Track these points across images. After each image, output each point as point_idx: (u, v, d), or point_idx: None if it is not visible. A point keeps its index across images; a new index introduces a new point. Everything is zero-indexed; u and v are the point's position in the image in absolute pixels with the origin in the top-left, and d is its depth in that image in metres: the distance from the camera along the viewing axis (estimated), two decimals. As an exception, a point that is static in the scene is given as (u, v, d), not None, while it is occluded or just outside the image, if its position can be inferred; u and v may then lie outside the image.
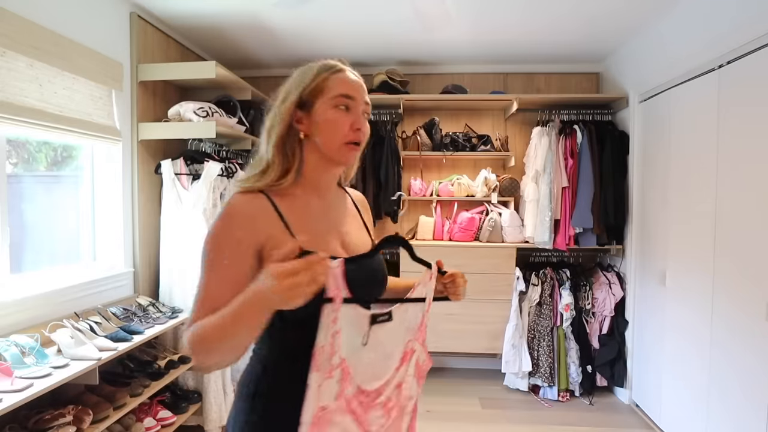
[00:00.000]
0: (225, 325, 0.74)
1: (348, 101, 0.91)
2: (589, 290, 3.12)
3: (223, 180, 2.61)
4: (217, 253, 0.83)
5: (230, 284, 0.79)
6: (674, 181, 2.53)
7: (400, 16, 2.68)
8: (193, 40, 3.10)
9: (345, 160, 0.93)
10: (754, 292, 1.89)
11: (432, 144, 3.44)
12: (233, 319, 0.74)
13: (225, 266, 0.82)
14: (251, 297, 0.72)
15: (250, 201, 0.87)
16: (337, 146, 0.91)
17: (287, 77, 0.97)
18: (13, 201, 2.00)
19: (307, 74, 0.92)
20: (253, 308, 0.72)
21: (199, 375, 2.52)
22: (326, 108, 0.90)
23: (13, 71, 1.84)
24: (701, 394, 2.24)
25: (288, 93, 0.92)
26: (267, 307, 0.72)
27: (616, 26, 2.81)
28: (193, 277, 2.51)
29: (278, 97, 0.93)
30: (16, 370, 1.56)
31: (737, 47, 1.99)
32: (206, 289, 0.82)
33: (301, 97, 0.90)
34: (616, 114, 3.30)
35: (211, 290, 0.81)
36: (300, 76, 0.93)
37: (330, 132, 0.90)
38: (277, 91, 0.94)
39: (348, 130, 0.90)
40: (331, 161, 0.93)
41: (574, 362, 3.09)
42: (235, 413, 0.90)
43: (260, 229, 0.84)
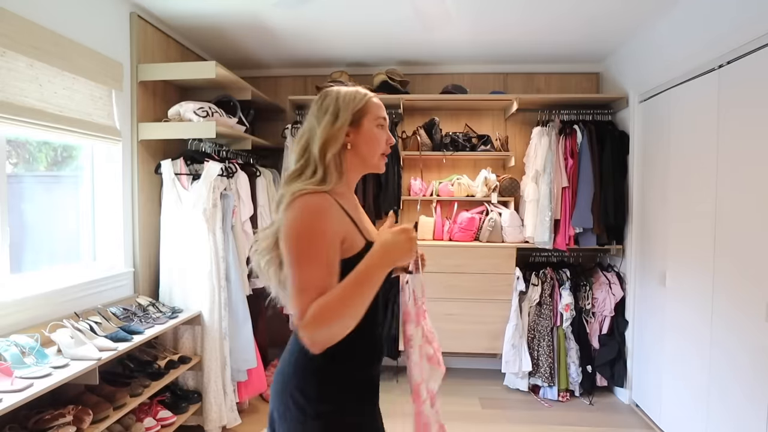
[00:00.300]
0: (350, 294, 0.92)
1: (384, 122, 1.15)
2: (589, 290, 3.12)
3: (223, 180, 2.61)
4: (313, 245, 0.96)
5: (330, 270, 0.96)
6: (674, 181, 2.53)
7: (400, 16, 2.68)
8: (193, 40, 3.10)
9: (380, 167, 1.18)
10: (754, 292, 1.89)
11: (432, 144, 3.44)
12: (359, 284, 0.93)
13: (323, 256, 0.96)
14: (377, 260, 0.96)
15: (326, 200, 1.02)
16: (377, 157, 1.15)
17: (287, 77, 1.15)
18: (13, 201, 2.00)
19: (355, 98, 1.11)
20: (379, 269, 0.96)
21: (199, 375, 2.52)
22: (371, 126, 1.12)
23: (13, 71, 1.84)
24: (701, 394, 2.24)
25: (339, 113, 1.09)
26: (389, 266, 0.97)
27: (616, 26, 2.81)
28: (193, 277, 2.51)
29: (326, 115, 1.10)
30: (16, 370, 1.56)
31: (737, 47, 1.99)
32: (310, 278, 0.94)
33: (353, 117, 1.10)
34: (616, 114, 3.30)
35: (316, 278, 0.94)
36: (348, 100, 1.11)
37: (373, 146, 1.13)
38: (321, 108, 1.11)
39: (384, 145, 1.15)
40: (368, 167, 1.16)
41: (574, 362, 3.09)
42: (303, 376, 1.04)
43: (340, 223, 1.02)
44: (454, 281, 3.20)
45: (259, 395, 3.04)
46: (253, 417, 2.82)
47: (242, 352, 2.64)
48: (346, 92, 1.12)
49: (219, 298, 2.52)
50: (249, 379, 2.73)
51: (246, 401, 2.83)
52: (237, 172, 2.74)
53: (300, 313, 0.92)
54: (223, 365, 2.53)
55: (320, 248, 0.96)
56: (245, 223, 2.79)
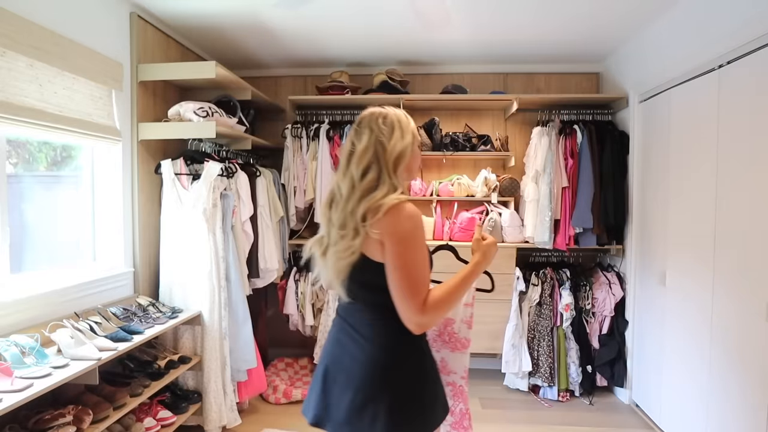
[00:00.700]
0: (459, 290, 1.22)
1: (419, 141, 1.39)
2: (589, 290, 3.12)
3: (223, 180, 2.61)
4: (421, 248, 1.18)
5: (429, 268, 1.23)
6: (674, 181, 2.53)
7: (400, 16, 2.68)
8: (193, 40, 3.10)
9: (416, 178, 1.56)
10: (754, 292, 1.89)
11: (432, 144, 3.44)
12: (466, 283, 1.25)
13: (427, 256, 1.22)
14: (482, 266, 1.32)
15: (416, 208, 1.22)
16: (417, 170, 1.42)
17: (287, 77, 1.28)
18: (13, 201, 2.00)
19: (409, 121, 1.31)
20: (478, 273, 1.31)
21: (199, 375, 2.52)
22: (416, 146, 1.31)
23: (13, 71, 1.84)
24: (701, 394, 2.24)
25: (404, 132, 1.26)
26: (480, 272, 1.32)
27: (616, 26, 2.81)
28: (193, 277, 2.51)
29: (394, 133, 1.24)
30: (16, 370, 1.56)
31: (737, 47, 1.99)
32: (424, 275, 1.18)
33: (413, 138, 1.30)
34: (616, 114, 3.30)
35: (426, 276, 1.19)
36: (407, 121, 1.29)
37: (417, 160, 1.36)
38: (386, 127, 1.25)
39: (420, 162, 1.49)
40: (411, 178, 1.40)
41: (574, 362, 3.09)
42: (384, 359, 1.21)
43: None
44: (454, 281, 3.20)
45: (259, 395, 3.04)
46: (253, 417, 2.82)
47: (242, 352, 2.64)
48: (401, 114, 1.30)
49: (219, 298, 2.52)
50: (249, 379, 2.73)
51: (246, 401, 2.84)
52: (237, 172, 2.74)
53: (419, 304, 1.14)
54: (223, 365, 2.53)
55: (426, 250, 1.20)
56: (245, 223, 2.79)
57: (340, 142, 3.29)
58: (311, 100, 3.42)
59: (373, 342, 1.23)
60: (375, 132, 1.23)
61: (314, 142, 3.33)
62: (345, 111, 3.53)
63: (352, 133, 1.28)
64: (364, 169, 1.21)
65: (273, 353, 3.66)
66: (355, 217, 1.18)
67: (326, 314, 3.34)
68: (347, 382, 1.23)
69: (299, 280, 3.39)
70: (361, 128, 1.26)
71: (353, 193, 1.21)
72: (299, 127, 3.37)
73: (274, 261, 3.03)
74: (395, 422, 1.17)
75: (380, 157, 1.21)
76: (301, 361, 3.59)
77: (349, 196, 1.21)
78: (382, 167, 1.21)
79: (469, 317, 1.65)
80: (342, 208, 1.23)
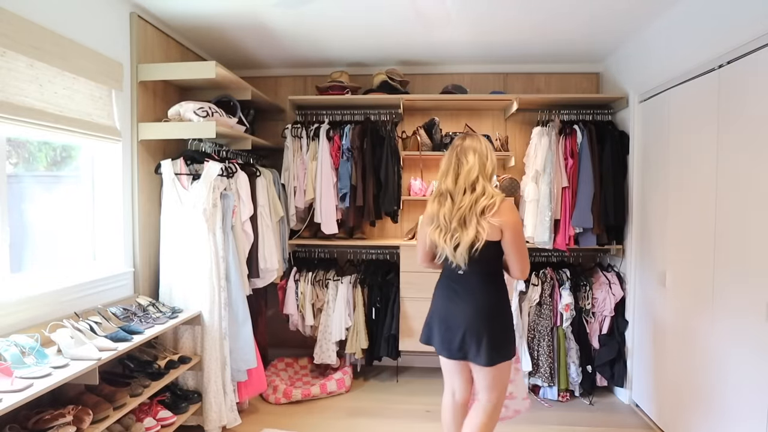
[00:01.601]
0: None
1: None
2: (589, 290, 3.12)
3: (223, 180, 2.61)
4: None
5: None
6: (674, 181, 2.53)
7: (400, 16, 2.68)
8: (193, 40, 3.10)
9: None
10: (754, 292, 1.89)
11: (432, 144, 3.44)
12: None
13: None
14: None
15: None
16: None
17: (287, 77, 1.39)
18: (13, 201, 2.00)
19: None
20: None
21: (199, 375, 2.52)
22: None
23: (13, 71, 1.84)
24: (701, 394, 2.24)
25: (492, 154, 1.93)
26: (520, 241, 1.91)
27: (616, 26, 2.81)
28: (193, 277, 2.51)
29: (489, 155, 1.91)
30: (16, 370, 1.56)
31: (737, 47, 1.99)
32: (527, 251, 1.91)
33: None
34: (616, 114, 3.30)
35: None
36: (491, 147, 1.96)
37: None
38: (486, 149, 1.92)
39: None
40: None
41: (574, 362, 3.09)
42: (495, 301, 1.93)
43: None
44: (454, 281, 3.20)
45: (259, 395, 3.04)
46: (253, 417, 2.82)
47: (242, 352, 2.64)
48: (487, 140, 2.00)
49: (219, 298, 2.52)
50: (249, 379, 2.73)
51: (246, 401, 2.84)
52: (237, 172, 2.74)
53: (526, 268, 1.90)
54: (223, 365, 2.53)
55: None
56: (245, 223, 2.79)
57: (340, 142, 3.29)
58: (311, 100, 3.42)
59: (488, 292, 1.90)
60: (478, 153, 1.87)
61: (314, 142, 3.33)
62: (345, 111, 3.53)
63: (458, 152, 1.88)
64: (474, 180, 1.83)
65: (273, 353, 3.66)
66: (475, 212, 1.79)
67: (326, 314, 3.34)
68: (476, 320, 1.86)
69: (299, 280, 3.39)
70: (465, 150, 1.88)
71: (469, 196, 1.82)
72: (299, 127, 3.37)
73: (274, 261, 3.03)
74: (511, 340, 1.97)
75: (481, 171, 1.85)
76: (301, 361, 3.59)
77: (463, 198, 1.82)
78: (483, 177, 1.84)
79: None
80: (458, 206, 1.82)
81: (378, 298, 3.30)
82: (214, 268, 2.50)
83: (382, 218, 3.44)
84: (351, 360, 3.47)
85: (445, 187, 1.87)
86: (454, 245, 1.81)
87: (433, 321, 1.98)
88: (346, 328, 3.27)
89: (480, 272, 1.87)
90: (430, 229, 1.89)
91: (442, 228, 1.84)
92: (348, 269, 3.60)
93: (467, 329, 1.86)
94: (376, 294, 3.31)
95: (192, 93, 3.02)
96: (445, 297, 1.95)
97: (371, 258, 3.66)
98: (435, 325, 1.97)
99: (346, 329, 3.27)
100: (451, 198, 1.85)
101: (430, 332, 2.01)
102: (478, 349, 1.85)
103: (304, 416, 2.87)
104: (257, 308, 3.27)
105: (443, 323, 1.93)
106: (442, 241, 1.83)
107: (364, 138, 3.29)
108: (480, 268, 1.86)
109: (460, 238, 1.80)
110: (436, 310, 1.98)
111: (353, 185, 3.23)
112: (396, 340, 3.24)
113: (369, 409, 2.96)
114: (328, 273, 3.43)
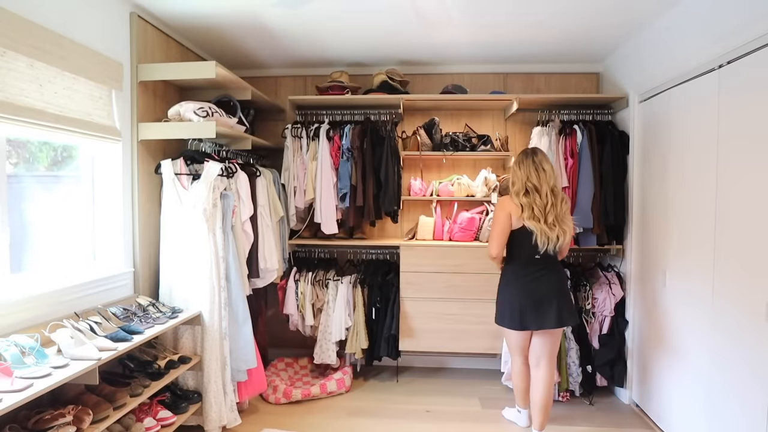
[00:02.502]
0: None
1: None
2: (589, 290, 3.12)
3: (223, 180, 2.61)
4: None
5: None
6: (674, 181, 2.53)
7: (400, 16, 2.68)
8: (193, 40, 3.10)
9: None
10: (754, 292, 1.89)
11: (432, 144, 3.44)
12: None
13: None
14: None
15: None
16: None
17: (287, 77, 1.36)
18: (13, 201, 2.00)
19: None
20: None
21: (199, 375, 2.52)
22: None
23: (13, 71, 1.84)
24: (701, 393, 2.24)
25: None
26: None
27: (616, 26, 2.81)
28: (193, 277, 2.51)
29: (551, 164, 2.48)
30: (16, 370, 1.56)
31: (737, 47, 1.99)
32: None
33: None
34: (616, 114, 3.30)
35: None
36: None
37: None
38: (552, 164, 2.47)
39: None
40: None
41: (574, 362, 3.09)
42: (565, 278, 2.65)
43: None
44: (454, 281, 3.20)
45: (259, 395, 3.04)
46: (252, 417, 2.82)
47: (242, 352, 2.64)
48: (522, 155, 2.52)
49: (219, 298, 2.52)
50: (249, 379, 2.73)
51: (246, 401, 2.84)
52: (237, 172, 2.74)
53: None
54: (223, 365, 2.53)
55: None
56: (245, 223, 2.79)
57: (340, 142, 3.29)
58: (311, 100, 3.42)
59: (561, 272, 2.53)
60: (551, 165, 2.43)
61: (314, 142, 3.33)
62: (345, 111, 3.53)
63: (539, 160, 2.40)
64: (554, 184, 2.39)
65: (273, 353, 3.66)
66: (564, 212, 2.40)
67: (326, 314, 3.34)
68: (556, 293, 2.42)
69: (299, 280, 3.39)
70: (543, 159, 2.42)
71: (559, 197, 2.39)
72: (299, 127, 3.37)
73: (274, 261, 3.03)
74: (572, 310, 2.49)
75: (556, 179, 2.43)
76: (301, 361, 3.59)
77: (555, 201, 2.37)
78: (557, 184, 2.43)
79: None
80: (550, 203, 2.35)
81: (378, 298, 3.30)
82: (214, 268, 2.50)
83: (382, 218, 3.44)
84: (351, 360, 3.47)
85: (532, 185, 2.37)
86: (555, 235, 2.34)
87: (524, 301, 2.41)
88: (346, 328, 3.27)
89: (554, 256, 2.45)
90: (524, 217, 2.36)
91: (539, 218, 2.34)
92: (348, 269, 3.60)
93: (557, 299, 2.40)
94: (376, 294, 3.31)
95: (192, 93, 3.02)
96: (531, 278, 2.43)
97: (371, 258, 3.66)
98: (526, 304, 2.41)
99: (346, 329, 3.27)
100: (538, 194, 2.35)
101: (521, 313, 2.42)
102: (560, 313, 2.40)
103: (304, 416, 2.87)
104: (257, 308, 3.27)
105: (531, 299, 2.40)
106: (547, 229, 2.33)
107: (364, 138, 3.29)
108: (553, 256, 2.45)
109: (557, 230, 2.34)
110: (522, 291, 2.43)
111: (353, 185, 3.23)
112: (396, 340, 3.24)
113: (369, 409, 2.96)
114: (328, 273, 3.43)
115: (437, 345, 3.23)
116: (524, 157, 2.45)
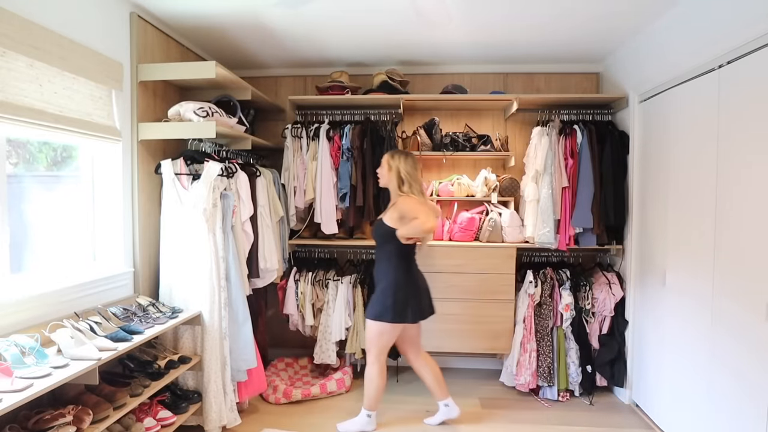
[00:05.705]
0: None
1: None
2: (589, 290, 3.12)
3: (223, 180, 2.61)
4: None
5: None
6: (674, 181, 2.53)
7: (400, 15, 2.68)
8: (193, 40, 3.10)
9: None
10: (754, 292, 1.89)
11: (432, 144, 3.44)
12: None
13: None
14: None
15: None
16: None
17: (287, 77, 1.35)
18: (13, 201, 2.00)
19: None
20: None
21: (199, 375, 2.52)
22: None
23: (13, 71, 1.84)
24: (701, 394, 2.24)
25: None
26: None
27: (616, 26, 2.81)
28: (193, 277, 2.51)
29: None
30: (16, 370, 1.56)
31: (737, 47, 1.99)
32: None
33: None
34: (616, 114, 3.30)
35: None
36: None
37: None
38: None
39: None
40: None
41: (574, 362, 3.09)
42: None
43: None
44: (454, 281, 3.21)
45: (259, 395, 3.04)
46: (252, 417, 2.82)
47: (242, 352, 2.64)
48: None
49: (219, 298, 2.52)
50: (249, 379, 2.73)
51: (246, 401, 2.84)
52: (237, 172, 2.74)
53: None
54: (223, 365, 2.53)
55: None
56: (245, 223, 2.79)
57: (340, 142, 3.29)
58: (311, 100, 3.42)
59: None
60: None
61: (314, 142, 3.33)
62: (345, 111, 3.53)
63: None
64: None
65: (273, 353, 3.66)
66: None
67: (326, 314, 3.34)
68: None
69: (299, 280, 3.39)
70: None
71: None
72: (299, 127, 3.37)
73: (274, 261, 3.03)
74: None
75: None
76: (301, 361, 3.59)
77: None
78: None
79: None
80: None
81: (378, 298, 3.30)
82: (214, 268, 2.50)
83: (382, 218, 3.43)
84: (351, 360, 3.47)
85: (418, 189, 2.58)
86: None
87: (419, 294, 2.55)
88: (346, 328, 3.27)
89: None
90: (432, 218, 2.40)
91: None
92: (348, 269, 3.60)
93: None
94: (376, 294, 3.30)
95: (192, 93, 3.02)
96: (415, 271, 2.60)
97: (371, 258, 3.66)
98: (420, 297, 2.54)
99: (346, 329, 3.27)
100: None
101: (414, 307, 2.50)
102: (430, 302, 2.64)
103: (304, 416, 2.87)
104: (257, 308, 3.27)
105: (422, 291, 2.58)
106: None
107: (364, 138, 3.29)
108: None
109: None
110: (416, 284, 2.55)
111: (353, 185, 3.23)
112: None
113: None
114: (328, 273, 3.43)
115: (437, 345, 3.23)
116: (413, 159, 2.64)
